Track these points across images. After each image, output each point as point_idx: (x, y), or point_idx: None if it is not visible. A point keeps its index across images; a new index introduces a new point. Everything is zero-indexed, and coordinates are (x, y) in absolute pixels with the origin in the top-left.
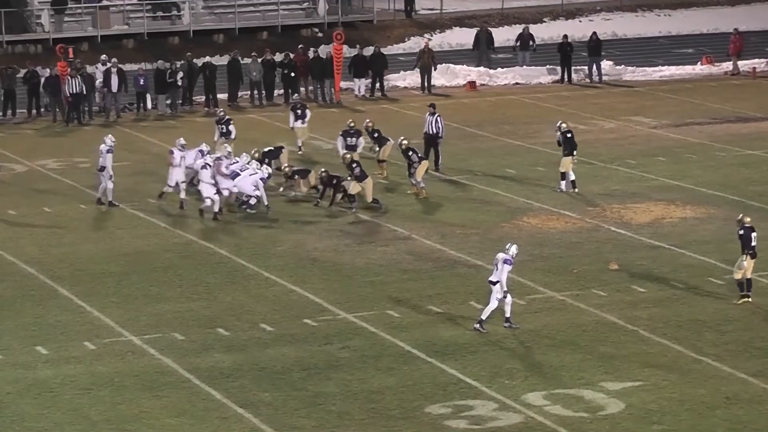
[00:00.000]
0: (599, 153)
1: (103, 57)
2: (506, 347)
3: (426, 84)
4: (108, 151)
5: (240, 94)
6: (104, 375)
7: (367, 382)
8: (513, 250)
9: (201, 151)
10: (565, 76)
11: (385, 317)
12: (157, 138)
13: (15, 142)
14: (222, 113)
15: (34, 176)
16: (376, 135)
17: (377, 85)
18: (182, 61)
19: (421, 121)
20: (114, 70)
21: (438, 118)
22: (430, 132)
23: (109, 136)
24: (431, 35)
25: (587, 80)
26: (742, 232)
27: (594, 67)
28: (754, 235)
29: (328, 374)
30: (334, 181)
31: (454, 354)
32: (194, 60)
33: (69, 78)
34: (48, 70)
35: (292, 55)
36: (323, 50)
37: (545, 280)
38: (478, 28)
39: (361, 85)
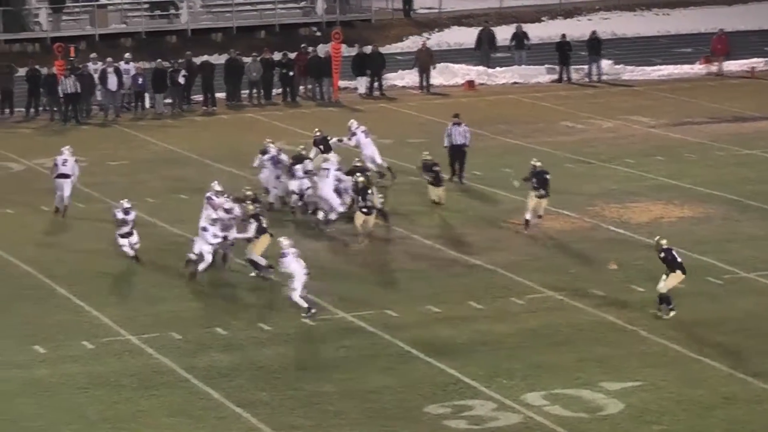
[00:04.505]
0: (598, 152)
1: (127, 55)
2: (505, 347)
3: (425, 83)
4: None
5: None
6: (102, 374)
7: (365, 381)
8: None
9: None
10: (564, 76)
11: (384, 317)
12: (156, 137)
13: (12, 141)
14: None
15: (32, 175)
16: (322, 147)
17: (375, 84)
18: (182, 60)
19: (420, 120)
20: (111, 69)
21: (465, 128)
22: (457, 142)
23: (68, 146)
24: (429, 34)
25: (586, 79)
26: (663, 254)
27: (594, 66)
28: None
29: (325, 374)
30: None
31: (453, 353)
32: (192, 59)
33: (63, 77)
34: (46, 68)
35: (291, 55)
36: (321, 49)
37: (544, 279)
38: (481, 28)
39: (362, 83)
